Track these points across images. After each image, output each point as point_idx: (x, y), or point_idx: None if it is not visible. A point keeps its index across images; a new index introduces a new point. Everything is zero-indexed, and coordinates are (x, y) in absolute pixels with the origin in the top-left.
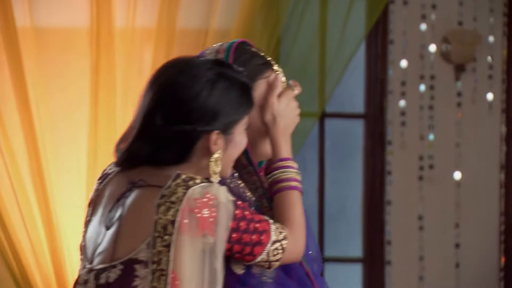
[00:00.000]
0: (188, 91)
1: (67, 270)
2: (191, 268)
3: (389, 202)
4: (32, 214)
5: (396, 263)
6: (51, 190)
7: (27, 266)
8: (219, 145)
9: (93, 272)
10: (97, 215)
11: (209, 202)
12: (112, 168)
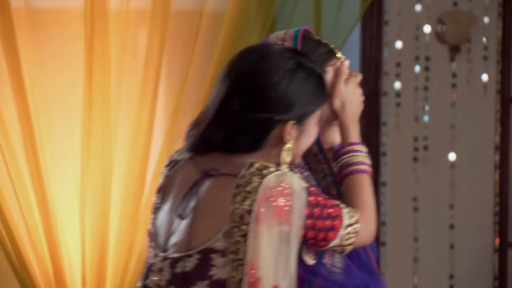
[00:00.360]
0: (268, 80)
1: (62, 253)
2: (267, 257)
3: (383, 184)
4: (27, 196)
5: (391, 244)
6: (45, 171)
7: (23, 249)
8: (292, 135)
9: (168, 261)
10: (168, 203)
11: (284, 190)
12: (181, 154)
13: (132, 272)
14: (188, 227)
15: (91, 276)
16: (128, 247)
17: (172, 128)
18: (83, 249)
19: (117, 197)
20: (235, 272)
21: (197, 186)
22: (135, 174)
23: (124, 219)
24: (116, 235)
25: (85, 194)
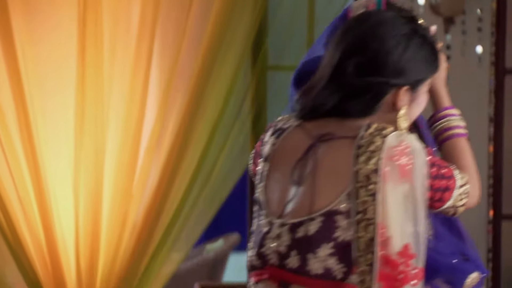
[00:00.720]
0: (386, 44)
1: (55, 225)
2: (395, 216)
3: None
4: (20, 169)
5: None
6: (39, 145)
7: (16, 221)
8: (405, 102)
9: (286, 226)
10: (279, 170)
11: (405, 149)
12: (287, 122)
13: (125, 245)
14: (309, 192)
15: (84, 249)
16: (121, 220)
17: (165, 102)
18: (77, 221)
19: (110, 171)
20: (363, 232)
21: (312, 151)
22: (128, 147)
23: (117, 192)
24: (109, 208)
25: (79, 167)
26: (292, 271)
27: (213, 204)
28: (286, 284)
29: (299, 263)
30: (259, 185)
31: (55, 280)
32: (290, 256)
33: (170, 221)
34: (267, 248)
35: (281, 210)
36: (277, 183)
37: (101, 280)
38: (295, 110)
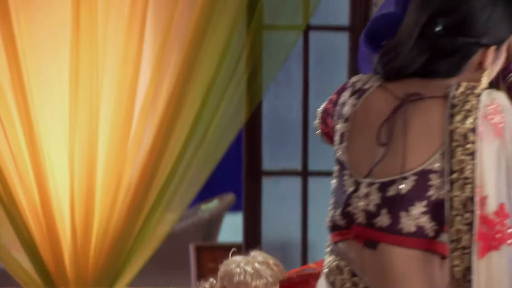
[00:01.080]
0: (475, 4)
1: (49, 185)
2: (491, 175)
3: None
4: (14, 128)
5: None
6: (33, 106)
7: (10, 180)
8: (491, 61)
9: (375, 185)
10: (363, 130)
11: (497, 108)
12: (367, 83)
13: (120, 205)
14: (399, 151)
15: (79, 209)
16: (116, 181)
17: (159, 63)
18: (71, 182)
19: (104, 132)
20: (459, 192)
21: (400, 112)
22: (123, 108)
23: (112, 153)
24: (104, 169)
25: (73, 129)
26: (381, 229)
27: (208, 164)
28: (373, 243)
29: (390, 222)
30: (340, 145)
31: (50, 241)
32: (380, 215)
33: (165, 182)
34: (354, 207)
35: (368, 170)
36: (361, 143)
37: (96, 240)
38: (376, 70)
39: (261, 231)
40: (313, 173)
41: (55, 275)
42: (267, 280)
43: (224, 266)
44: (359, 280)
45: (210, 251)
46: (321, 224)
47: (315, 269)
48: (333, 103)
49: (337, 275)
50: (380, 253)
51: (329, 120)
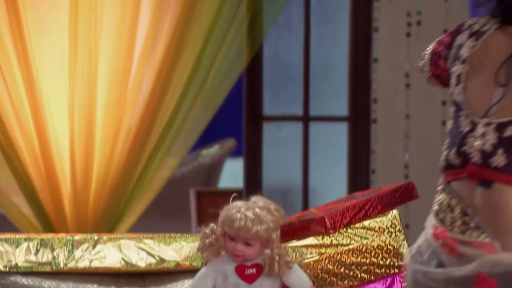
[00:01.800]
0: None
1: (49, 131)
2: None
3: (375, 60)
4: (15, 79)
5: (382, 121)
6: (32, 52)
7: (9, 126)
8: None
9: (492, 126)
10: (481, 72)
11: None
12: (485, 25)
13: (120, 150)
14: None
15: (79, 154)
16: (115, 126)
17: (158, 7)
18: (71, 128)
19: (104, 77)
20: None
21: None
22: (122, 53)
23: (111, 98)
24: (103, 114)
25: (73, 74)
26: (496, 169)
27: (208, 109)
28: (488, 183)
29: (506, 161)
30: (457, 87)
31: (49, 186)
32: (496, 155)
33: (165, 127)
34: (469, 147)
35: (485, 110)
36: (479, 84)
37: (96, 185)
38: (495, 14)
39: (262, 176)
40: (314, 118)
41: (55, 220)
42: (268, 226)
43: (225, 212)
44: (470, 219)
45: (211, 196)
46: (322, 170)
47: (316, 215)
48: (445, 46)
49: (448, 213)
50: (494, 192)
51: (441, 62)
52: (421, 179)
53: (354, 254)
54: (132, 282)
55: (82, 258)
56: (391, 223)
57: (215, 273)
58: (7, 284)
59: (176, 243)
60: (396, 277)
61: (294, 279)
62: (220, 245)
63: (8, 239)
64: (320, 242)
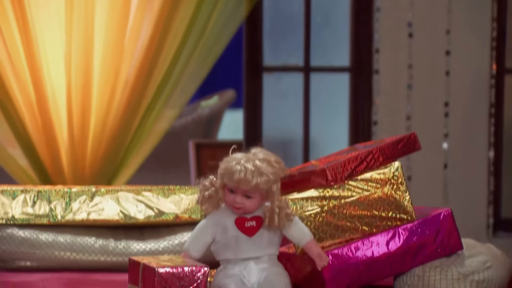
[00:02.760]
0: None
1: (45, 81)
2: None
3: (378, 9)
4: (10, 29)
5: (384, 72)
6: (28, 4)
7: (4, 74)
8: None
9: None
10: None
11: None
12: None
13: (118, 102)
14: None
15: (76, 106)
16: (113, 77)
17: None
18: (68, 79)
19: (100, 27)
20: None
21: None
22: (119, 3)
23: (108, 49)
24: (101, 65)
25: (69, 23)
26: None
27: (207, 60)
28: None
29: None
30: None
31: (46, 138)
32: None
33: (163, 78)
34: None
35: None
36: None
37: (93, 137)
38: None
39: (262, 128)
40: (315, 69)
41: (52, 172)
42: (268, 178)
43: (224, 164)
44: None
45: (210, 148)
46: (323, 121)
47: (317, 166)
48: None
49: None
50: None
51: None
52: (424, 130)
53: (356, 207)
54: (130, 235)
55: (80, 211)
56: (393, 175)
57: (215, 225)
58: (4, 236)
59: (175, 196)
60: (398, 230)
61: (295, 231)
62: (220, 198)
63: (4, 191)
64: (321, 194)
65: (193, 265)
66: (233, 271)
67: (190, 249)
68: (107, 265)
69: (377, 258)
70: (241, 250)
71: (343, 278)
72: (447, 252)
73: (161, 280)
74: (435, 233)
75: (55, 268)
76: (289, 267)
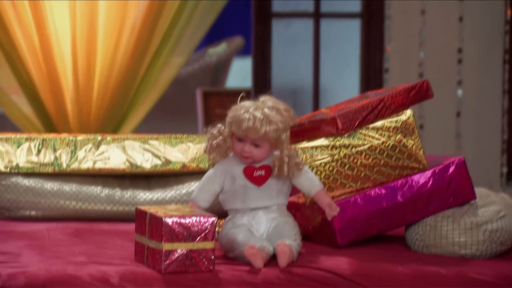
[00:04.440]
0: None
1: (49, 26)
2: None
3: None
4: None
5: (396, 18)
6: None
7: (7, 19)
8: None
9: None
10: None
11: None
12: None
13: (123, 49)
14: None
15: (81, 51)
16: (119, 23)
17: None
18: (73, 25)
19: None
20: None
21: None
22: None
23: None
24: (106, 11)
25: None
26: None
27: (215, 6)
28: None
29: None
30: None
31: (51, 84)
32: None
33: (170, 24)
34: None
35: None
36: None
37: (99, 84)
38: None
39: (271, 75)
40: (325, 14)
41: (57, 120)
42: (277, 126)
43: (233, 112)
44: None
45: (218, 96)
46: (334, 68)
47: (327, 115)
48: None
49: None
50: None
51: None
52: (436, 77)
53: (366, 155)
54: (137, 184)
55: (86, 159)
56: (404, 123)
57: (223, 175)
58: (8, 185)
59: (182, 144)
60: (410, 179)
61: (304, 181)
62: (228, 146)
63: (8, 139)
64: (331, 143)
65: (201, 215)
66: (242, 221)
67: (197, 198)
68: (113, 215)
69: (388, 207)
70: (250, 199)
71: (353, 228)
72: (459, 202)
73: (168, 230)
74: (447, 182)
75: (60, 217)
76: (298, 217)
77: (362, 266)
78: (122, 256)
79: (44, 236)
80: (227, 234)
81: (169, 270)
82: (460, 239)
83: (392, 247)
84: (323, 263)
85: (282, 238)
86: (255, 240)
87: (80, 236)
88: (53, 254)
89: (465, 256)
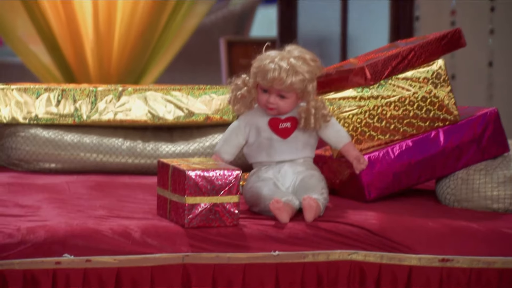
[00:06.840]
0: None
1: None
2: None
3: None
4: None
5: None
6: None
7: None
8: None
9: None
10: None
11: None
12: None
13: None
14: None
15: (102, 1)
16: None
17: None
18: None
19: None
20: None
21: None
22: None
23: None
24: None
25: None
26: None
27: None
28: None
29: None
30: None
31: (71, 33)
32: None
33: None
34: None
35: None
36: None
37: (120, 33)
38: None
39: (297, 24)
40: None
41: (77, 70)
42: (304, 77)
43: (258, 62)
44: None
45: (242, 46)
46: (362, 16)
47: (356, 65)
48: None
49: None
50: None
51: None
52: (469, 26)
53: (396, 107)
54: (159, 136)
55: (106, 110)
56: (436, 74)
57: (248, 126)
58: (27, 136)
59: (205, 95)
60: (441, 131)
61: (331, 133)
62: (253, 98)
63: (27, 89)
64: (359, 94)
65: (225, 168)
66: (267, 174)
67: (221, 151)
68: (134, 168)
69: (418, 161)
70: (275, 152)
71: (382, 182)
72: (492, 154)
73: (192, 183)
74: (479, 134)
75: (81, 170)
76: (325, 171)
77: (390, 221)
78: (144, 210)
79: (64, 189)
80: (251, 188)
81: (192, 225)
82: (492, 192)
83: (422, 202)
84: (350, 218)
85: (308, 192)
86: (281, 194)
87: (101, 189)
88: (74, 208)
89: (498, 210)
